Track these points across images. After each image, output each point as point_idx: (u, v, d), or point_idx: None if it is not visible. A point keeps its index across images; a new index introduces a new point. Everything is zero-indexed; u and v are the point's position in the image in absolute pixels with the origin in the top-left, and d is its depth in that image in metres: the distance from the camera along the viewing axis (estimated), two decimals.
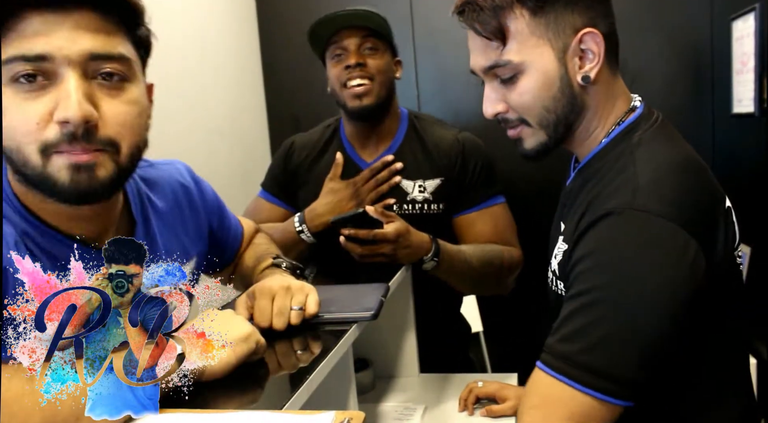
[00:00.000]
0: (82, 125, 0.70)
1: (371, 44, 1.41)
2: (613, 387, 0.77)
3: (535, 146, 0.94)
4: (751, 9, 2.11)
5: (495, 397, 1.28)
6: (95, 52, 0.72)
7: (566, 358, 0.79)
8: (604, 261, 0.80)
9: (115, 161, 0.75)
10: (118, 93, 0.74)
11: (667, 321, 0.78)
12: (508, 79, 0.89)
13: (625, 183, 0.83)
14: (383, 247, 1.23)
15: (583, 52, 0.88)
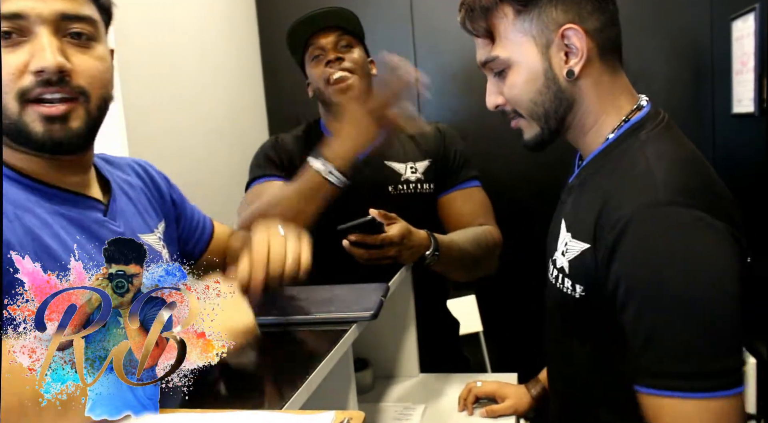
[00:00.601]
0: (56, 73, 0.77)
1: (346, 42, 1.47)
2: (716, 381, 0.78)
3: (531, 138, 0.99)
4: (751, 9, 2.11)
5: (494, 396, 1.28)
6: (65, 12, 0.80)
7: (661, 374, 0.80)
8: (645, 271, 0.81)
9: (86, 110, 0.82)
10: (87, 50, 0.82)
11: (732, 300, 0.80)
12: (499, 73, 0.96)
13: (643, 180, 0.84)
14: (390, 251, 1.23)
15: (568, 48, 0.90)
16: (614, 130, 0.93)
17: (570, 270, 0.91)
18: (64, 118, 0.80)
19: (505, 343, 2.46)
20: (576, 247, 0.91)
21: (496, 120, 2.75)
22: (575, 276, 0.90)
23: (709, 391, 0.78)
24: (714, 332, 0.79)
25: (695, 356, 0.79)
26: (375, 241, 1.21)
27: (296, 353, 0.83)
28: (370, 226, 1.21)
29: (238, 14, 2.58)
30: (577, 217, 0.93)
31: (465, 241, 1.42)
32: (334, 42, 1.46)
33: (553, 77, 0.92)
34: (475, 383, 1.31)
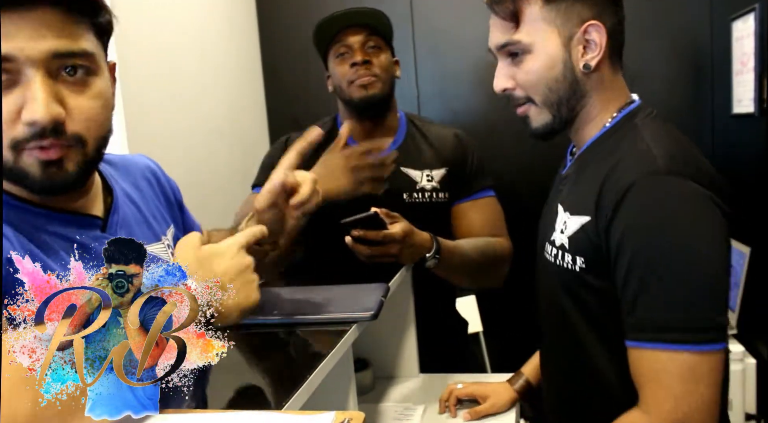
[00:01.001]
0: (50, 125, 0.72)
1: (374, 43, 1.44)
2: (704, 336, 0.84)
3: (541, 125, 1.01)
4: (751, 9, 2.11)
5: (475, 397, 1.29)
6: (58, 50, 0.72)
7: (657, 327, 0.85)
8: (645, 229, 0.87)
9: (83, 154, 0.78)
10: (84, 88, 0.76)
11: (720, 261, 0.87)
12: (517, 57, 0.98)
13: (642, 155, 0.91)
14: (391, 248, 1.23)
15: (587, 42, 0.97)
16: (611, 120, 1.00)
17: (570, 245, 0.96)
18: (59, 162, 0.75)
19: (505, 343, 2.46)
20: (575, 222, 0.96)
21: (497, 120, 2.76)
22: (575, 249, 0.95)
23: (690, 343, 0.84)
24: (699, 289, 0.85)
25: (680, 310, 0.85)
26: (377, 237, 1.22)
27: (296, 353, 0.83)
28: (372, 221, 1.22)
29: (238, 14, 2.58)
30: (576, 197, 0.98)
31: (470, 249, 1.41)
32: (362, 42, 1.43)
33: (571, 68, 0.97)
34: (455, 385, 1.31)
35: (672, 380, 0.84)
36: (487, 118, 2.56)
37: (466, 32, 2.55)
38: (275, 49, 2.71)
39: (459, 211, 1.51)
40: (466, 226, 1.49)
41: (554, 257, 1.00)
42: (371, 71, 1.42)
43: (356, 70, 1.42)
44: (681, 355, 0.84)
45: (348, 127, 1.35)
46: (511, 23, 0.97)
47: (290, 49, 2.67)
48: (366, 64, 1.42)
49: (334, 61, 1.47)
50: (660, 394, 0.85)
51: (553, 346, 1.10)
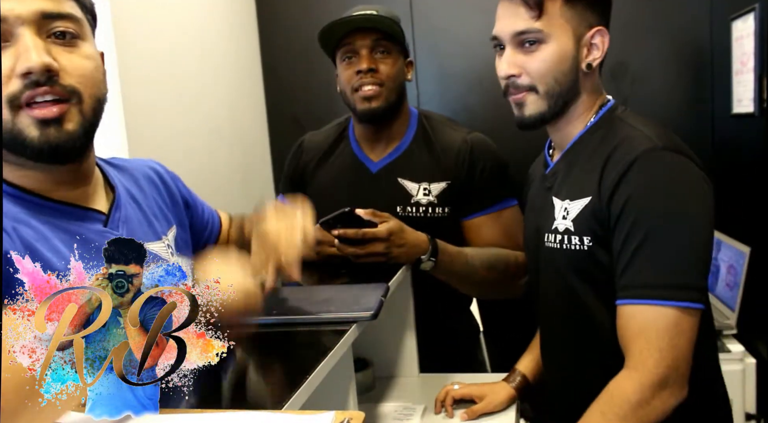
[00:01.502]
0: (44, 73, 0.74)
1: (383, 48, 1.40)
2: (690, 294, 0.93)
3: (534, 113, 1.07)
4: (751, 9, 2.11)
5: (472, 398, 1.28)
6: (46, 11, 0.76)
7: (647, 285, 0.94)
8: (648, 196, 0.95)
9: (80, 111, 0.78)
10: (73, 49, 0.79)
11: (708, 233, 0.97)
12: (532, 45, 1.04)
13: (640, 136, 1.00)
14: (376, 246, 1.22)
15: (592, 45, 1.06)
16: (593, 117, 1.09)
17: (575, 227, 1.03)
18: (58, 120, 0.76)
19: (505, 343, 2.45)
20: (577, 205, 1.03)
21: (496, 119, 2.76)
22: (581, 230, 1.02)
23: (672, 299, 0.92)
24: (690, 253, 0.95)
25: (670, 271, 0.94)
26: (357, 235, 1.21)
27: (296, 353, 0.83)
28: (350, 219, 1.21)
29: (238, 14, 2.58)
30: (573, 184, 1.05)
31: (476, 258, 1.37)
32: (369, 46, 1.39)
33: (576, 65, 1.06)
34: (452, 386, 1.31)
35: (658, 334, 0.92)
36: (486, 118, 2.56)
37: (466, 32, 2.55)
38: (275, 49, 2.71)
39: (471, 226, 1.45)
40: (482, 242, 1.43)
41: (559, 243, 1.05)
42: (377, 80, 1.38)
43: (361, 78, 1.38)
44: (667, 311, 0.93)
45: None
46: (534, 12, 1.02)
47: (290, 49, 2.67)
48: (372, 73, 1.38)
49: (341, 64, 1.43)
50: (646, 348, 0.93)
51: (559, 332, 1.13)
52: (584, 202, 1.02)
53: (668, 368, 0.92)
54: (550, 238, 1.08)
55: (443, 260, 1.31)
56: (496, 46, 1.10)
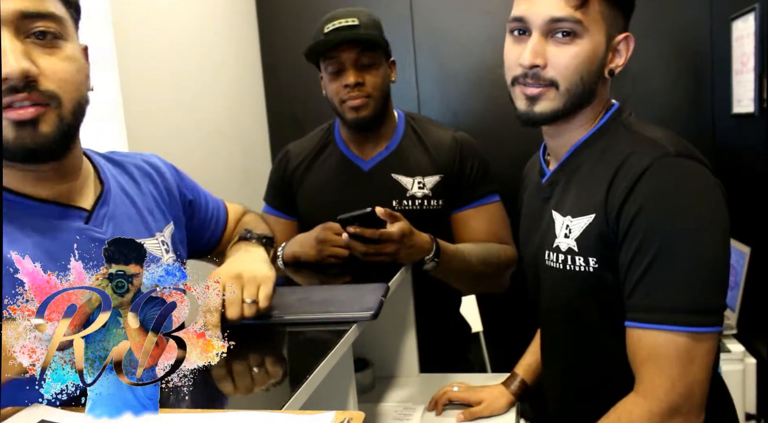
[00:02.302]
0: (22, 79, 0.71)
1: (368, 59, 1.39)
2: (704, 318, 0.85)
3: (546, 111, 0.97)
4: (751, 9, 2.11)
5: (469, 402, 1.28)
6: (25, 10, 0.72)
7: (658, 308, 0.86)
8: (661, 208, 0.87)
9: (59, 115, 0.75)
10: (54, 50, 0.75)
11: (725, 246, 0.89)
12: (566, 37, 0.94)
13: (649, 143, 0.92)
14: (387, 247, 1.23)
15: (617, 51, 0.99)
16: (596, 123, 1.01)
17: (579, 247, 0.96)
18: (33, 122, 0.73)
19: (505, 343, 2.46)
20: (580, 223, 0.96)
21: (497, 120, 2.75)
22: (586, 250, 0.95)
23: (690, 326, 0.85)
24: (705, 273, 0.86)
25: (684, 293, 0.86)
26: (374, 235, 1.22)
27: (296, 353, 0.83)
28: (370, 219, 1.22)
29: (238, 14, 2.58)
30: (576, 199, 0.98)
31: (472, 254, 1.39)
32: (354, 59, 1.38)
33: (602, 68, 0.98)
34: (451, 387, 1.31)
35: (669, 361, 0.86)
36: (486, 118, 2.56)
37: (466, 32, 2.55)
38: (275, 49, 2.71)
39: (460, 218, 1.48)
40: (469, 235, 1.46)
41: (562, 263, 0.98)
42: (363, 92, 1.39)
43: (348, 92, 1.39)
44: (680, 337, 0.85)
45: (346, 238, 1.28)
46: (578, 1, 0.93)
47: (290, 49, 2.67)
48: (358, 87, 1.38)
49: (327, 76, 1.43)
50: (656, 375, 0.87)
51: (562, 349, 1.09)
52: (588, 220, 0.95)
53: (680, 396, 0.86)
54: (552, 256, 1.01)
55: (444, 260, 1.31)
56: (517, 29, 0.98)
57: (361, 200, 1.30)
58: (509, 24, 0.99)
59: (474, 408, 1.26)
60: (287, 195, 1.56)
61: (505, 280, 1.50)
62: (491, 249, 1.43)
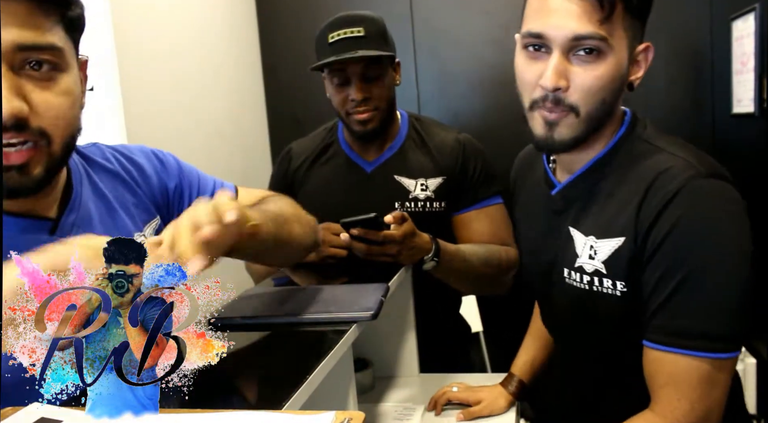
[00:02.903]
0: (11, 120, 0.67)
1: (374, 72, 1.38)
2: (728, 345, 0.84)
3: (566, 138, 0.91)
4: (751, 9, 2.11)
5: (469, 402, 1.28)
6: (22, 43, 0.68)
7: (681, 332, 0.85)
8: (693, 232, 0.84)
9: (48, 154, 0.72)
10: (49, 84, 0.71)
11: (750, 271, 0.86)
12: (589, 54, 0.86)
13: (679, 163, 0.88)
14: (389, 249, 1.23)
15: (637, 62, 0.92)
16: (612, 137, 0.96)
17: (608, 270, 0.92)
18: (22, 167, 0.70)
19: (505, 343, 2.46)
20: (608, 245, 0.92)
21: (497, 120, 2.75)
22: (614, 273, 0.91)
23: (712, 352, 0.84)
24: (731, 299, 0.84)
25: (709, 318, 0.84)
26: (377, 237, 1.22)
27: (296, 353, 0.83)
28: (373, 223, 1.22)
29: (238, 14, 2.58)
30: (601, 217, 0.94)
31: (473, 255, 1.38)
32: (359, 73, 1.37)
33: (623, 84, 0.91)
34: (451, 387, 1.31)
35: (690, 385, 0.85)
36: (487, 118, 2.56)
37: (466, 32, 2.55)
38: (275, 49, 2.71)
39: (462, 220, 1.48)
40: (470, 236, 1.46)
41: (588, 284, 0.95)
42: (370, 106, 1.38)
43: (355, 106, 1.38)
44: (703, 363, 0.84)
45: None
46: (603, 13, 0.84)
47: (290, 49, 2.67)
48: (365, 101, 1.37)
49: (331, 86, 1.42)
50: (675, 397, 0.86)
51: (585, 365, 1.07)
52: (617, 243, 0.90)
53: (698, 419, 0.86)
54: (574, 276, 0.97)
55: (444, 259, 1.31)
56: (533, 46, 0.89)
57: (363, 202, 1.30)
58: (523, 39, 0.90)
59: (473, 408, 1.26)
60: (289, 194, 1.56)
61: (507, 282, 1.49)
62: (492, 250, 1.43)
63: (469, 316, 2.26)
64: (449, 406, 1.30)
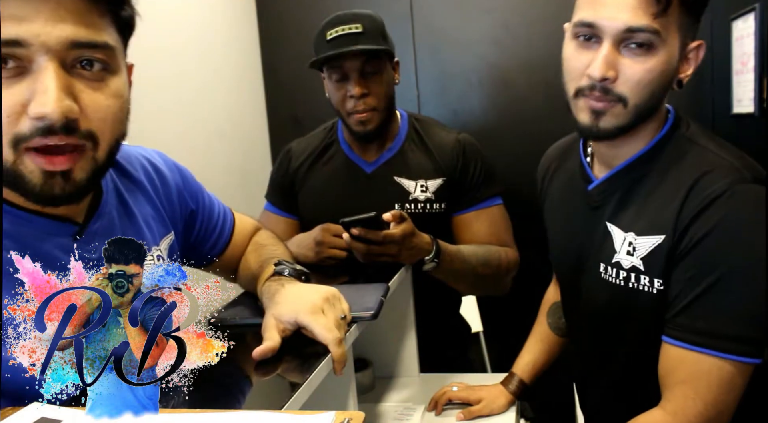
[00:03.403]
0: (61, 120, 0.64)
1: (372, 68, 1.37)
2: (753, 349, 0.84)
3: (611, 127, 0.91)
4: (751, 9, 2.11)
5: (468, 401, 1.28)
6: (77, 39, 0.65)
7: (709, 332, 0.85)
8: (731, 235, 0.84)
9: (93, 159, 0.69)
10: (100, 85, 0.69)
11: None
12: (641, 47, 0.86)
13: (723, 164, 0.88)
14: (389, 249, 1.23)
15: (687, 59, 0.91)
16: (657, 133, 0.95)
17: (646, 267, 0.92)
18: (65, 173, 0.67)
19: (505, 343, 2.46)
20: (647, 242, 0.92)
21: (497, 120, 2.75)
22: (652, 270, 0.91)
23: (731, 353, 0.83)
24: (761, 304, 0.83)
25: (738, 321, 0.84)
26: (377, 237, 1.22)
27: (296, 353, 0.83)
28: (373, 222, 1.22)
29: (238, 14, 2.58)
30: (641, 214, 0.93)
31: (473, 256, 1.38)
32: (359, 68, 1.36)
33: (672, 79, 0.91)
34: (450, 387, 1.31)
35: (708, 386, 0.84)
36: (487, 118, 2.56)
37: (466, 32, 2.55)
38: (275, 49, 2.71)
39: (462, 221, 1.47)
40: (470, 237, 1.46)
41: (624, 280, 0.95)
42: (369, 105, 1.38)
43: (354, 105, 1.37)
44: (726, 364, 0.84)
45: None
46: (658, 7, 0.83)
47: (290, 49, 2.67)
48: (363, 97, 1.37)
49: (330, 83, 1.41)
50: (691, 397, 0.85)
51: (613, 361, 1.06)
52: (657, 241, 0.90)
53: (709, 421, 0.85)
54: (610, 271, 0.97)
55: (444, 260, 1.31)
56: (584, 35, 0.89)
57: (364, 203, 1.30)
58: (574, 28, 0.90)
59: (473, 407, 1.26)
60: (289, 194, 1.55)
61: (507, 283, 1.49)
62: (492, 251, 1.42)
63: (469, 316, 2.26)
64: (449, 406, 1.30)
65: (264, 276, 0.98)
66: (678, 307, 0.88)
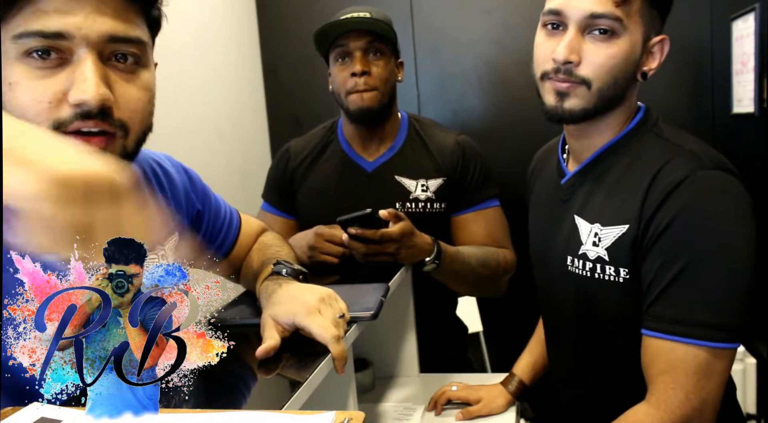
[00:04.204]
0: (98, 107, 0.69)
1: (376, 50, 1.40)
2: (726, 334, 0.85)
3: (576, 108, 0.94)
4: (751, 9, 2.11)
5: (468, 401, 1.28)
6: (115, 34, 0.71)
7: (679, 320, 0.86)
8: (694, 221, 0.86)
9: (123, 147, 0.74)
10: (132, 77, 0.74)
11: (752, 264, 0.86)
12: (603, 33, 0.91)
13: (685, 154, 0.90)
14: (388, 247, 1.23)
15: (651, 53, 0.96)
16: (624, 127, 0.98)
17: (610, 256, 0.94)
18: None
19: (505, 343, 2.46)
20: (612, 232, 0.93)
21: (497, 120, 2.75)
22: (617, 260, 0.93)
23: (710, 341, 0.84)
24: (732, 289, 0.85)
25: (709, 307, 0.84)
26: (374, 235, 1.22)
27: (296, 353, 0.83)
28: (370, 220, 1.21)
29: (238, 14, 2.58)
30: (606, 205, 0.95)
31: (472, 257, 1.39)
32: (363, 48, 1.39)
33: (635, 69, 0.95)
34: (450, 387, 1.31)
35: (687, 374, 0.85)
36: (487, 118, 2.56)
37: (466, 32, 2.55)
38: (275, 49, 2.71)
39: (460, 222, 1.48)
40: (468, 238, 1.46)
41: (590, 271, 0.96)
42: (370, 84, 1.39)
43: (355, 81, 1.39)
44: (700, 351, 0.84)
45: None
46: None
47: (290, 49, 2.67)
48: (365, 76, 1.39)
49: (334, 65, 1.44)
50: (671, 387, 0.86)
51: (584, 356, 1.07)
52: (621, 230, 0.92)
53: (693, 410, 0.86)
54: (577, 263, 0.99)
55: (445, 261, 1.31)
56: (551, 23, 0.95)
57: (364, 202, 1.30)
58: (543, 17, 0.96)
59: (472, 407, 1.26)
60: (287, 194, 1.55)
61: (504, 284, 1.50)
62: (490, 252, 1.43)
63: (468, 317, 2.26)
64: (449, 406, 1.30)
65: (263, 275, 0.99)
66: (650, 298, 0.89)
